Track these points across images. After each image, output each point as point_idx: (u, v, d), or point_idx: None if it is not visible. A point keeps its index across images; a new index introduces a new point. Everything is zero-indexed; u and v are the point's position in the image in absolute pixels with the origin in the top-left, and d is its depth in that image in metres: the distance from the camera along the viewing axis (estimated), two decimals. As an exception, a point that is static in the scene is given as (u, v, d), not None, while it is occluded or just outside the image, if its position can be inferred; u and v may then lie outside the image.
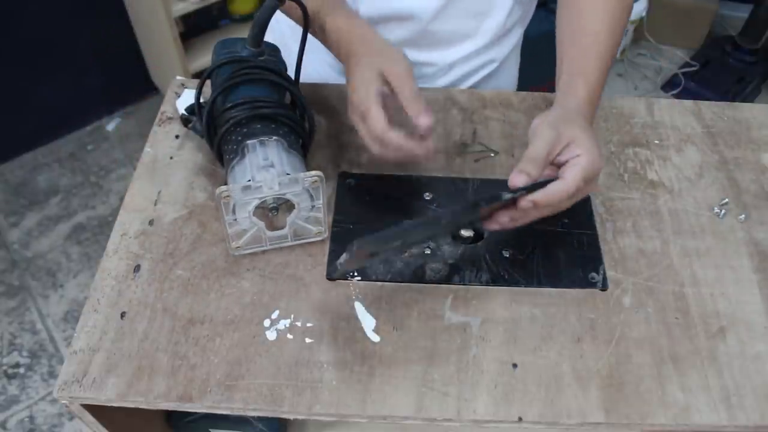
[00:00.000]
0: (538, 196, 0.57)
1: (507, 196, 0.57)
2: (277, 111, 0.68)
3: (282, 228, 0.66)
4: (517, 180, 0.56)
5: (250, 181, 0.62)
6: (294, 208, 0.64)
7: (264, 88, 0.69)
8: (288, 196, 0.63)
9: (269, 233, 0.65)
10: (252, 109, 0.66)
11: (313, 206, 0.64)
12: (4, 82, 1.85)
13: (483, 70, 0.89)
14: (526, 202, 0.57)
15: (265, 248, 0.66)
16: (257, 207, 0.62)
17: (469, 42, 0.85)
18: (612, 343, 0.61)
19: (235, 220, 0.63)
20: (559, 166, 0.59)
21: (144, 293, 0.64)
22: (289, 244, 0.67)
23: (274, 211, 0.65)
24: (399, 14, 0.80)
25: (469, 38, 0.85)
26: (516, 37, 0.90)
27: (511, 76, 0.96)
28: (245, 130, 0.66)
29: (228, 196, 0.60)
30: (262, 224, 0.64)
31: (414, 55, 0.84)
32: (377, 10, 0.80)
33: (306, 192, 0.63)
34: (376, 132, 0.61)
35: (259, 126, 0.66)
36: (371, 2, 0.79)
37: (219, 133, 0.67)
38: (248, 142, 0.65)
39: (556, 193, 0.57)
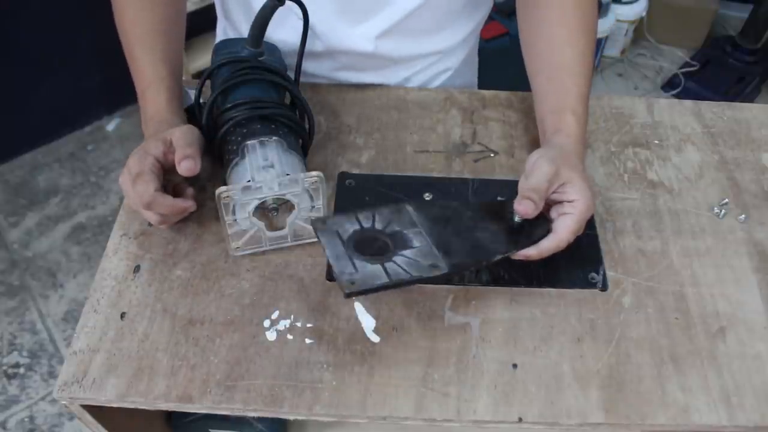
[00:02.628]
0: (532, 251, 0.61)
1: (498, 257, 0.60)
2: (277, 111, 0.68)
3: (282, 228, 0.66)
4: (523, 206, 0.59)
5: (250, 181, 0.62)
6: (294, 208, 0.64)
7: (264, 88, 0.69)
8: (288, 197, 0.63)
9: (269, 234, 0.65)
10: (252, 109, 0.66)
11: (313, 207, 0.64)
12: (4, 82, 1.84)
13: (440, 78, 0.89)
14: (520, 257, 0.61)
15: (265, 249, 0.66)
16: (257, 207, 0.62)
17: (417, 61, 0.85)
18: (612, 343, 0.61)
19: (235, 220, 0.63)
20: (552, 202, 0.63)
21: (144, 293, 0.64)
22: (289, 244, 0.67)
23: (274, 211, 0.65)
24: (338, 50, 0.80)
25: (417, 58, 0.85)
26: (472, 42, 0.89)
27: (470, 77, 0.96)
28: (245, 130, 0.66)
29: (228, 196, 0.60)
30: (262, 225, 0.64)
31: (366, 77, 0.85)
32: (312, 46, 0.79)
33: (306, 192, 0.63)
34: (145, 197, 0.61)
35: (259, 126, 0.66)
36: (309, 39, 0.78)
37: (219, 133, 0.67)
38: (248, 142, 0.65)
39: (549, 248, 0.61)
